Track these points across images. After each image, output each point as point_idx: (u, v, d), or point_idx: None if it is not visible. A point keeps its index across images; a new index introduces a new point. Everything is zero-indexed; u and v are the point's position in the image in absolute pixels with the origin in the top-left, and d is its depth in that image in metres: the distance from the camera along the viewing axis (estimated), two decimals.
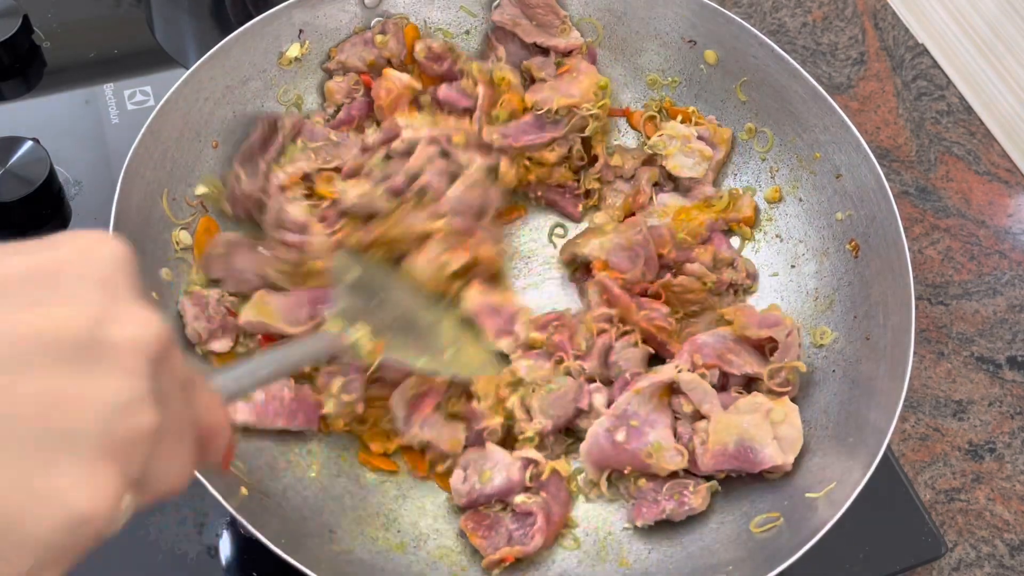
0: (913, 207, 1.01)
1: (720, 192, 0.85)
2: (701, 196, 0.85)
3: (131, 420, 0.33)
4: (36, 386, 0.31)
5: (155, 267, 0.73)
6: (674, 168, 0.84)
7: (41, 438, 0.31)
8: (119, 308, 0.34)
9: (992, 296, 0.96)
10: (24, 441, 0.31)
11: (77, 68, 0.95)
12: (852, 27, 1.14)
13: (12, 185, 0.81)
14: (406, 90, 0.82)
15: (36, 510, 0.31)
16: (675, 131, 0.84)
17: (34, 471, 0.31)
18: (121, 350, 0.33)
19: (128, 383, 0.33)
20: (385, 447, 0.73)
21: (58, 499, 0.31)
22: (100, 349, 0.33)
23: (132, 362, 0.33)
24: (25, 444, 0.31)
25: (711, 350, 0.75)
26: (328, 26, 0.83)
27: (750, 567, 0.65)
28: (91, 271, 0.34)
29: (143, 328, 0.34)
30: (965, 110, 1.09)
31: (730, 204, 0.84)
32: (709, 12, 0.83)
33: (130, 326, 0.34)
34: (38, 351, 0.31)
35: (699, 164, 0.84)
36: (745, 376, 0.75)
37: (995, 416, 0.89)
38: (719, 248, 0.83)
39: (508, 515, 0.70)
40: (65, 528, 0.31)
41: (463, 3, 0.87)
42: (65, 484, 0.31)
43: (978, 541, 0.83)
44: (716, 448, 0.70)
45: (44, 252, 0.34)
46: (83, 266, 0.34)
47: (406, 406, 0.72)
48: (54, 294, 0.33)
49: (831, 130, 0.80)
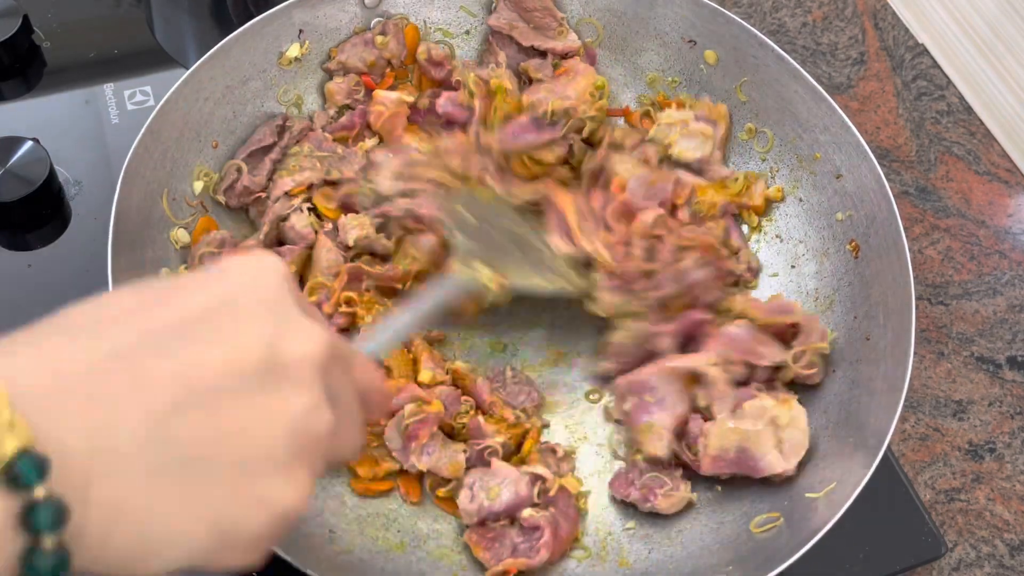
0: (913, 207, 1.01)
1: (736, 174, 0.85)
2: (717, 177, 0.85)
3: (312, 426, 0.39)
4: (232, 412, 0.36)
5: (155, 267, 0.73)
6: (680, 154, 0.84)
7: (244, 456, 0.37)
8: (290, 327, 0.39)
9: (992, 296, 0.96)
10: (232, 461, 0.36)
11: (77, 68, 0.95)
12: (852, 27, 1.14)
13: (12, 185, 0.81)
14: (400, 108, 0.82)
15: (253, 515, 0.37)
16: (671, 117, 0.84)
17: (244, 484, 0.37)
18: (295, 368, 0.38)
19: (305, 396, 0.38)
20: (374, 472, 0.71)
21: (268, 503, 0.37)
22: (278, 370, 0.38)
23: (306, 375, 0.39)
24: (233, 463, 0.36)
25: (740, 343, 0.74)
26: (328, 26, 0.83)
27: (750, 567, 0.65)
28: (262, 295, 0.39)
29: (311, 343, 0.39)
30: (965, 110, 1.09)
31: (745, 188, 0.84)
32: (709, 12, 0.83)
33: (300, 343, 0.39)
34: (228, 381, 0.36)
35: (703, 144, 0.84)
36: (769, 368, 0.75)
37: (995, 416, 0.89)
38: (729, 235, 0.83)
39: (515, 529, 0.69)
40: (276, 523, 0.38)
41: (463, 3, 0.87)
42: (271, 490, 0.37)
43: (978, 541, 0.83)
44: (716, 453, 0.70)
45: (218, 285, 0.39)
46: (255, 292, 0.39)
47: (401, 437, 0.71)
48: (233, 323, 0.38)
49: (831, 130, 0.80)
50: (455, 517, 0.72)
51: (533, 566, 0.68)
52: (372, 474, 0.71)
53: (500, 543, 0.69)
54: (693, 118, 0.84)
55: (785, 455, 0.70)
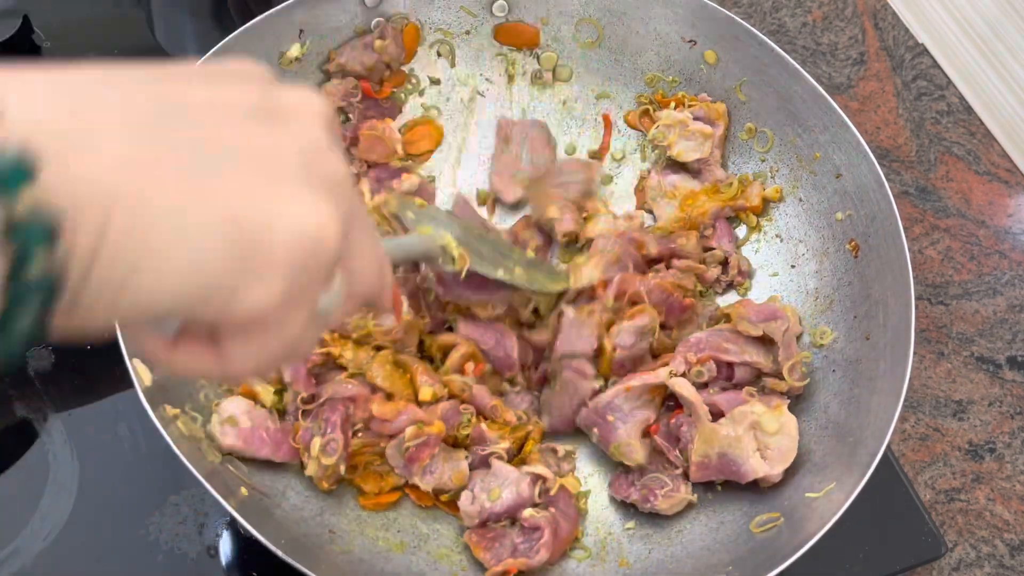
0: (913, 207, 1.01)
1: (730, 178, 0.85)
2: (711, 179, 0.85)
3: (326, 165, 0.35)
4: (238, 132, 0.33)
5: None
6: (679, 155, 0.84)
7: (260, 172, 0.33)
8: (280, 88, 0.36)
9: (992, 296, 0.96)
10: (248, 172, 0.32)
11: None
12: (852, 27, 1.14)
13: None
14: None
15: (278, 225, 0.32)
16: (670, 119, 0.85)
17: (267, 196, 0.32)
18: (297, 111, 0.36)
19: (312, 134, 0.35)
20: (380, 486, 0.71)
21: (293, 218, 0.33)
22: (279, 111, 0.35)
23: (311, 119, 0.36)
24: (250, 175, 0.32)
25: (705, 344, 0.75)
26: (328, 26, 0.83)
27: (750, 567, 0.65)
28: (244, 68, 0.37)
29: (309, 94, 0.37)
30: (965, 110, 1.09)
31: (739, 191, 0.84)
32: (709, 12, 0.83)
33: (296, 93, 0.36)
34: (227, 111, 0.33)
35: (702, 144, 0.84)
36: (751, 369, 0.75)
37: (995, 416, 0.89)
38: (720, 240, 0.83)
39: (515, 529, 0.69)
40: (304, 248, 0.33)
41: (463, 3, 0.87)
42: (295, 207, 0.33)
43: (978, 541, 0.83)
44: (699, 459, 0.71)
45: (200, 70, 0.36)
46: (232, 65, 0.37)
47: (403, 458, 0.70)
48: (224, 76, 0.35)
49: (831, 130, 0.80)
50: (456, 518, 0.72)
51: (533, 566, 0.68)
52: (378, 488, 0.71)
53: (500, 543, 0.69)
54: (691, 118, 0.84)
55: (771, 461, 0.70)
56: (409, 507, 0.72)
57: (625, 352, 0.75)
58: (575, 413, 0.75)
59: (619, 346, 0.75)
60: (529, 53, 0.90)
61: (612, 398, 0.73)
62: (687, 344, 0.75)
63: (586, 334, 0.75)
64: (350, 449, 0.69)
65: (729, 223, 0.85)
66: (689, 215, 0.83)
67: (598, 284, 0.78)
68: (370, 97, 0.85)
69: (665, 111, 0.86)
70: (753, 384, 0.76)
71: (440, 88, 0.89)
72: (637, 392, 0.73)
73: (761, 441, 0.71)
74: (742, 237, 0.86)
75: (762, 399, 0.73)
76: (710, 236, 0.84)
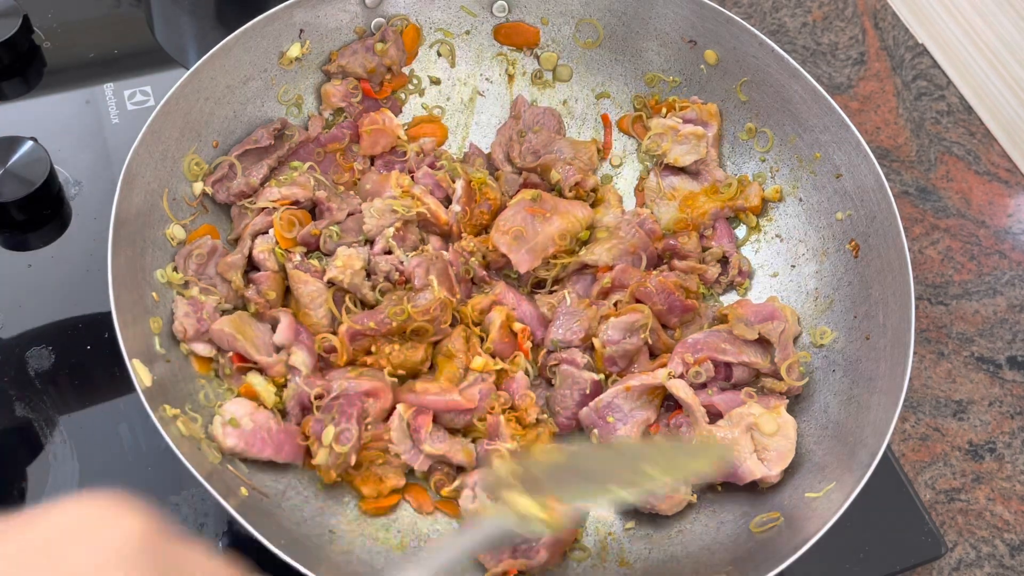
0: (913, 207, 1.01)
1: (729, 178, 0.85)
2: (710, 180, 0.85)
3: None
4: None
5: (155, 267, 0.73)
6: (675, 160, 0.85)
7: None
8: None
9: (992, 296, 0.96)
10: None
11: (77, 68, 0.95)
12: (852, 27, 1.14)
13: (12, 185, 0.81)
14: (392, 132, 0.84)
15: None
16: (661, 127, 0.85)
17: None
18: None
19: None
20: (379, 490, 0.71)
21: None
22: None
23: None
24: None
25: (702, 345, 0.75)
26: (329, 26, 0.83)
27: (750, 567, 0.65)
28: None
29: None
30: (965, 110, 1.09)
31: (739, 192, 0.85)
32: (709, 12, 0.83)
33: None
34: None
35: (697, 146, 0.84)
36: (749, 369, 0.75)
37: (995, 416, 0.89)
38: (720, 241, 0.84)
39: None
40: None
41: (463, 3, 0.87)
42: None
43: (978, 541, 0.83)
44: None
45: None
46: None
47: (407, 432, 0.71)
48: None
49: (831, 130, 0.80)
50: (456, 519, 0.72)
51: (533, 567, 0.68)
52: (377, 492, 0.71)
53: None
54: (681, 123, 0.85)
55: (769, 462, 0.70)
56: (409, 507, 0.72)
57: (614, 347, 0.75)
58: (579, 406, 0.75)
59: (607, 341, 0.75)
60: (529, 53, 0.90)
61: (612, 398, 0.73)
62: (685, 345, 0.75)
63: (576, 326, 0.77)
64: (362, 441, 0.70)
65: (729, 223, 0.85)
66: (689, 216, 0.84)
67: (602, 267, 0.79)
68: (370, 97, 0.85)
69: (655, 120, 0.86)
70: (752, 384, 0.76)
71: (440, 88, 0.89)
72: (637, 392, 0.73)
73: (759, 443, 0.71)
74: (742, 237, 0.86)
75: (761, 399, 0.73)
76: (710, 237, 0.84)
